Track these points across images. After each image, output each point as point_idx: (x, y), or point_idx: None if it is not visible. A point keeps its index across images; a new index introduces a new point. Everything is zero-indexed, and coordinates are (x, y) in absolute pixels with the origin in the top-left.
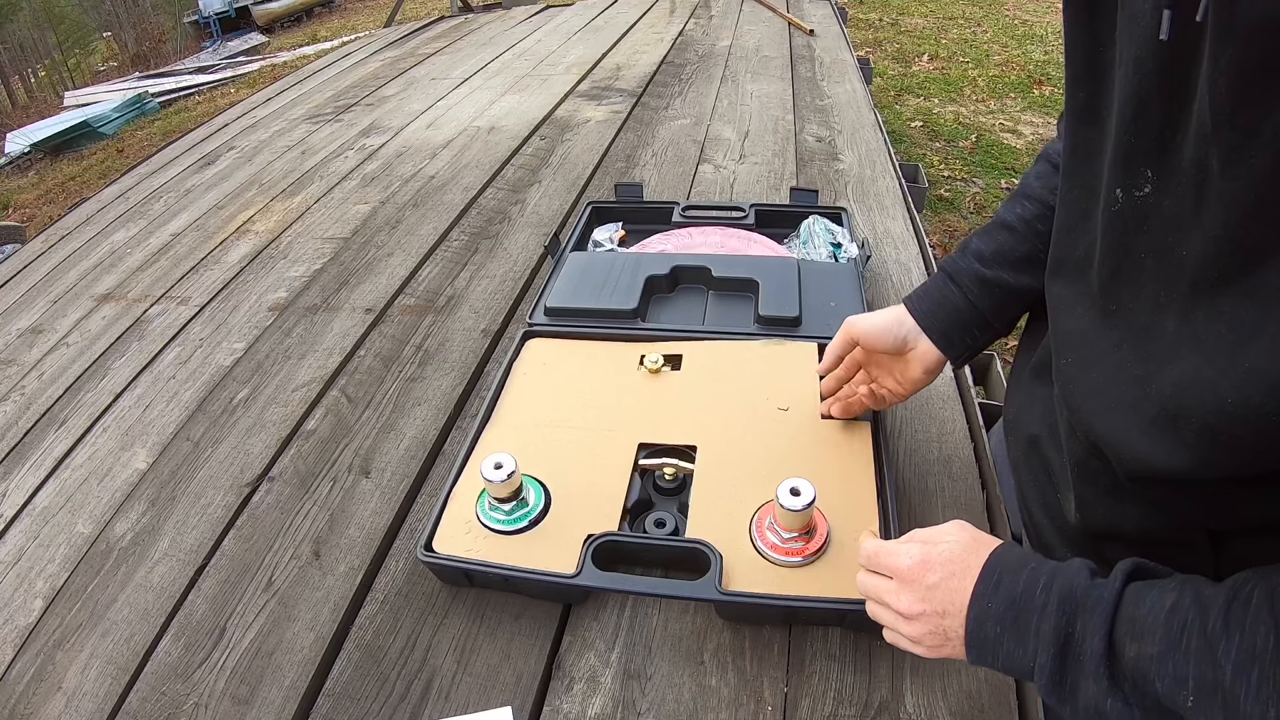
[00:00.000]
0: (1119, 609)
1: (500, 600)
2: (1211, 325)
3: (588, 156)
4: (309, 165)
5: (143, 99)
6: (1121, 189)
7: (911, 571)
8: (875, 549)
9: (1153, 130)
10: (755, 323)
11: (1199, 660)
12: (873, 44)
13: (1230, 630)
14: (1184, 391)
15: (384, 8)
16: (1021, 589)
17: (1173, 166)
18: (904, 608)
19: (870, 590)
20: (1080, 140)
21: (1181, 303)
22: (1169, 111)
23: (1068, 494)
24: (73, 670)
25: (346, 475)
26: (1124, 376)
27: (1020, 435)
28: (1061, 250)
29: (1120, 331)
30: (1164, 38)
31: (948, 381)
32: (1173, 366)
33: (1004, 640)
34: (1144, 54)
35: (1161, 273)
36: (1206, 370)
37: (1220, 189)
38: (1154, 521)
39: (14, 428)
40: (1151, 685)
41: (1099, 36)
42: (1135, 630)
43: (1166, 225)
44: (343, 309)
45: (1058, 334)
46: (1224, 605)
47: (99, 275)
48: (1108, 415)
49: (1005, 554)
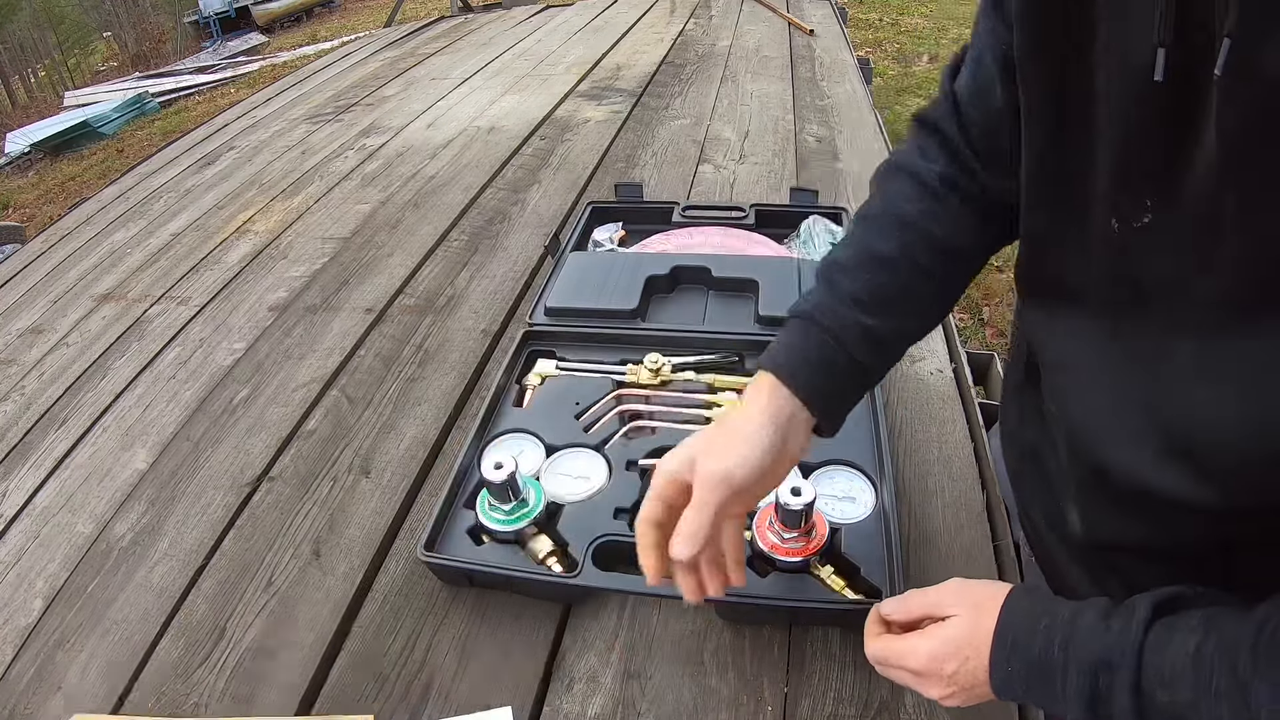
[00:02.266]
0: (1142, 660)
1: (500, 600)
2: (1229, 362)
3: (588, 156)
4: (309, 165)
5: (143, 99)
6: (1118, 219)
7: (928, 669)
8: (883, 654)
9: (1154, 163)
10: (755, 323)
11: (1230, 703)
12: (873, 44)
13: (1260, 672)
14: (1197, 423)
15: (384, 8)
16: (1038, 652)
17: (1176, 199)
18: (935, 694)
19: (896, 681)
20: (1050, 165)
21: (1194, 333)
22: (1172, 146)
23: (1069, 505)
24: (73, 670)
25: (346, 475)
26: (1130, 402)
27: (1017, 445)
28: (1039, 271)
29: (1124, 357)
30: (1159, 79)
31: (948, 382)
32: (1184, 397)
33: (1033, 696)
34: (1141, 91)
35: (1170, 304)
36: (1225, 405)
37: (1241, 224)
38: (1161, 537)
39: (14, 428)
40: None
41: (1068, 64)
42: (1163, 679)
43: (1176, 257)
44: (343, 309)
45: (1049, 352)
46: (1251, 646)
47: (99, 275)
48: (1115, 444)
49: (1013, 615)
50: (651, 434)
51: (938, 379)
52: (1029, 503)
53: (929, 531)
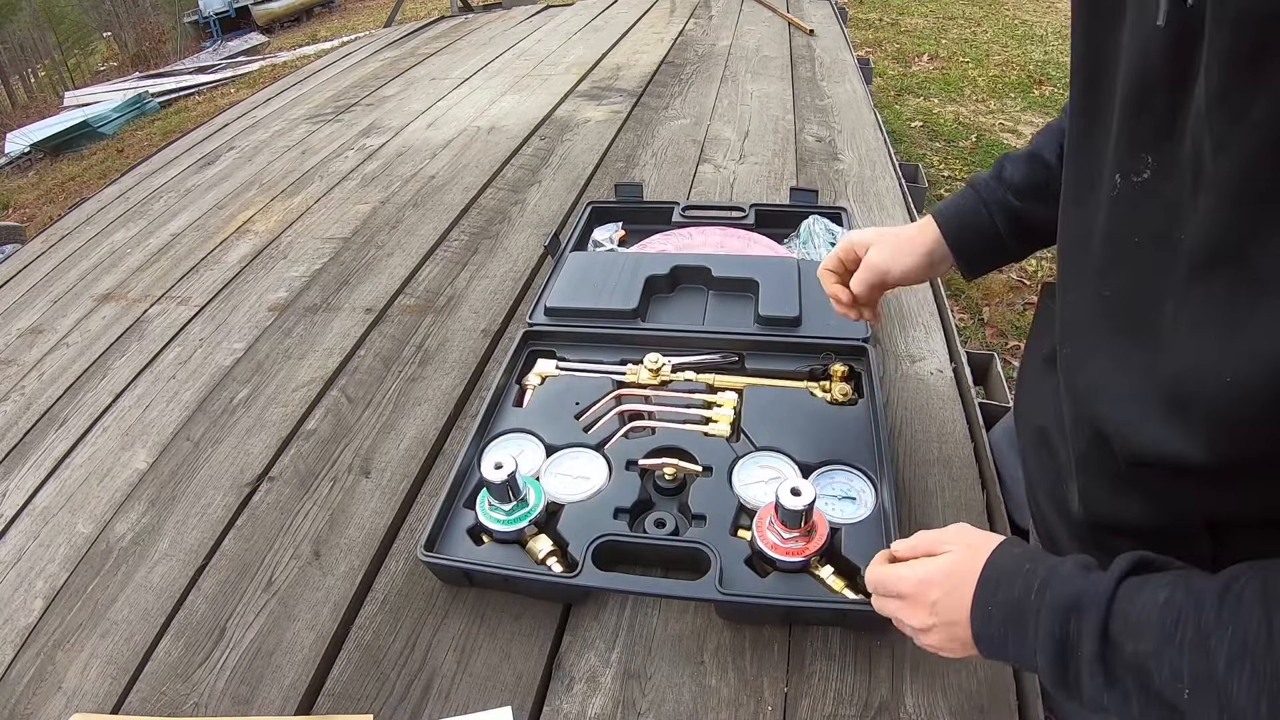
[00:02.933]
0: (1112, 607)
1: (500, 600)
2: (1208, 309)
3: (588, 156)
4: (309, 165)
5: (143, 99)
6: (1121, 174)
7: (915, 592)
8: (879, 577)
9: (1154, 116)
10: (755, 323)
11: (1193, 653)
12: (873, 44)
13: (1223, 623)
14: (1185, 376)
15: (384, 8)
16: (1018, 593)
17: (1172, 152)
18: (916, 624)
19: (884, 611)
20: (1083, 126)
21: (1179, 288)
22: (1170, 98)
23: (1072, 485)
24: (73, 670)
25: (346, 475)
26: (1127, 363)
27: (1029, 426)
28: (1064, 235)
29: (1119, 318)
30: (1161, 23)
31: (948, 382)
32: (1173, 352)
33: (1009, 642)
34: (1146, 41)
35: (1159, 258)
36: (1206, 354)
37: (1212, 172)
38: (1155, 514)
39: (14, 428)
40: (1152, 680)
41: (1104, 23)
42: (1130, 628)
43: (1165, 211)
44: (343, 309)
45: (1061, 322)
46: (1217, 598)
47: (99, 275)
48: (1115, 403)
49: (1002, 557)
50: (651, 434)
51: (938, 379)
52: (1036, 485)
53: None
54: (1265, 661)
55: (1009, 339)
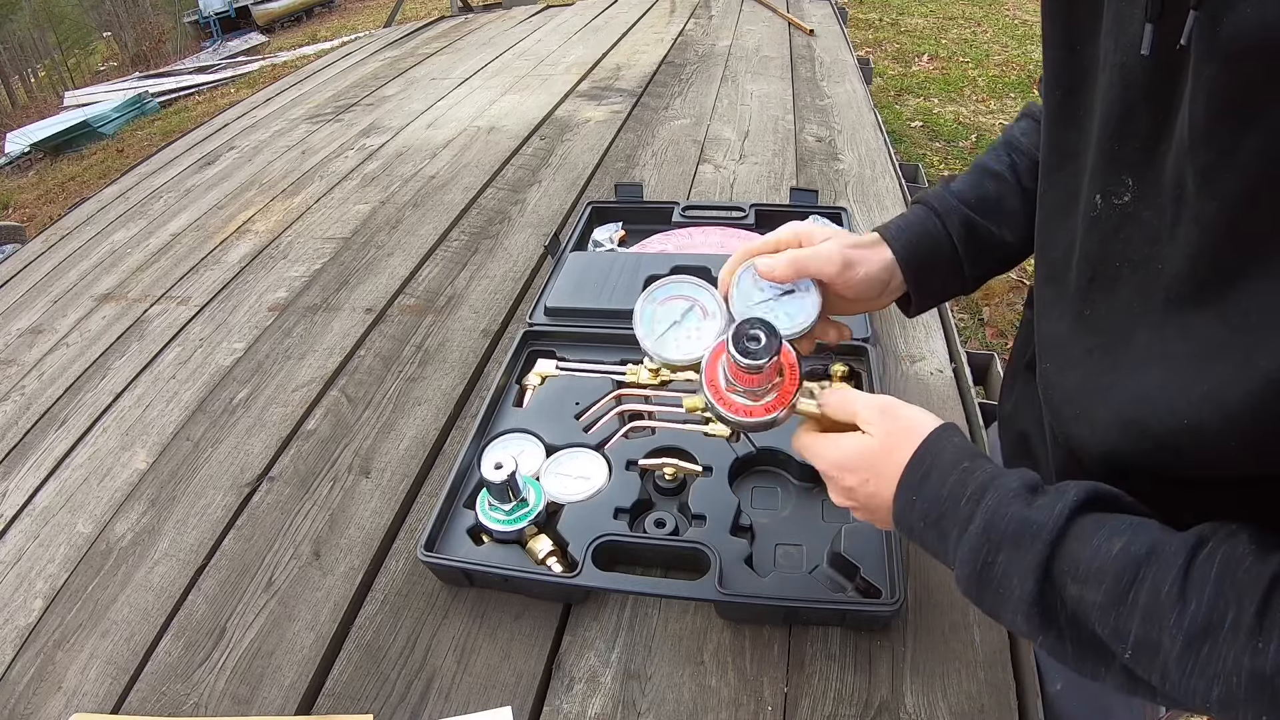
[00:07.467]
0: (1059, 550)
1: (500, 600)
2: (1180, 342)
3: (588, 156)
4: (309, 165)
5: (143, 99)
6: (1101, 195)
7: (829, 474)
8: (805, 443)
9: (1136, 140)
10: None
11: (1145, 620)
12: (873, 44)
13: (1186, 598)
14: (1142, 404)
15: (384, 8)
16: (948, 491)
17: (1154, 179)
18: (836, 501)
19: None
20: (1058, 140)
21: (1155, 316)
22: (1153, 123)
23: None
24: (73, 670)
25: (346, 475)
26: (1094, 385)
27: (1012, 432)
28: (1042, 250)
29: (1094, 338)
30: (1145, 53)
31: (948, 382)
32: (1135, 378)
33: (927, 536)
34: (1129, 63)
35: (1137, 283)
36: (1168, 387)
37: (1196, 208)
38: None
39: (14, 428)
40: (1090, 627)
41: (1079, 35)
42: (1077, 573)
43: (1145, 236)
44: (343, 309)
45: (1039, 337)
46: (1182, 567)
47: (99, 275)
48: (1078, 422)
49: (939, 443)
50: (651, 434)
51: (938, 379)
52: None
53: None
54: (1228, 647)
55: (1009, 339)
